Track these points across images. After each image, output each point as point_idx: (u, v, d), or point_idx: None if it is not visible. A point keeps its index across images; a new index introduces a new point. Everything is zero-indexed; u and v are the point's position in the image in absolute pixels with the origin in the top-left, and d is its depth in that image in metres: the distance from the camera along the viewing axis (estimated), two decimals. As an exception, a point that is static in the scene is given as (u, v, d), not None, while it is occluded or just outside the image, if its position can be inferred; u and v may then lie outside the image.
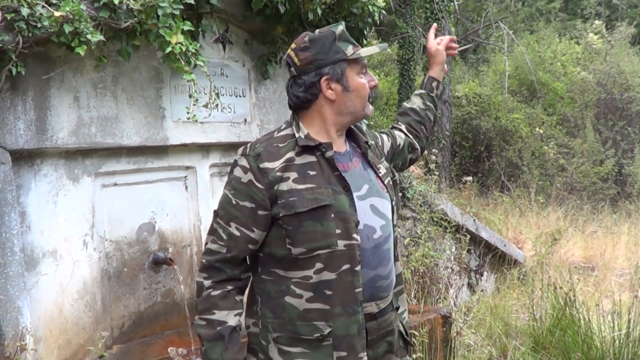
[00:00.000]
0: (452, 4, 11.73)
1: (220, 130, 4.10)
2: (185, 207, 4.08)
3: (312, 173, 2.15)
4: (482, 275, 7.05)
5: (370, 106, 2.27)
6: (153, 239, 3.90)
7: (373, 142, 2.42)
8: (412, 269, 5.24)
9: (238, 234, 2.12)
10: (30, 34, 3.00)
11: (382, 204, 2.26)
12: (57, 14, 2.99)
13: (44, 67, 3.23)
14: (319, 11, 4.11)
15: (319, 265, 2.10)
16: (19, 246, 3.13)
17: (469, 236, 6.29)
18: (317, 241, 2.10)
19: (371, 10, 4.53)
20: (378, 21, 4.68)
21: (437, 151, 12.13)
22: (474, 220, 6.70)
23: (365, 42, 4.83)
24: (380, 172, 2.32)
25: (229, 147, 4.20)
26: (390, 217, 2.28)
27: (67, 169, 3.44)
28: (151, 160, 3.85)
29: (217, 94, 3.63)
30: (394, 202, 2.32)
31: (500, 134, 15.22)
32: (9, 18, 2.93)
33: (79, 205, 3.50)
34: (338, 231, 2.10)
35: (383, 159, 2.44)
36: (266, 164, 2.13)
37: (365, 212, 2.21)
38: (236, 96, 4.25)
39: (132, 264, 3.79)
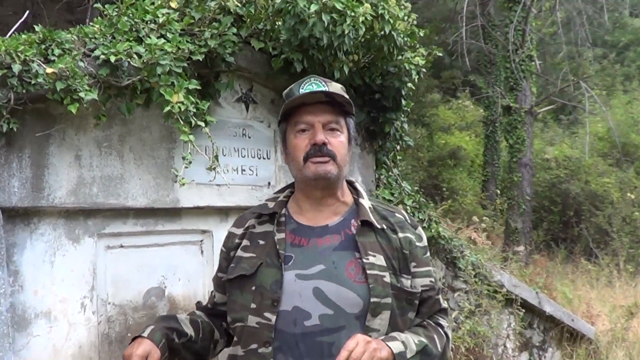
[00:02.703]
0: (533, 63, 11.33)
1: (240, 193, 3.94)
2: (201, 271, 3.91)
3: (261, 242, 2.08)
4: (545, 351, 6.53)
5: (313, 167, 2.02)
6: (162, 304, 3.74)
7: (386, 227, 2.09)
8: (454, 346, 4.86)
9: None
10: (24, 91, 2.95)
11: (336, 292, 1.96)
12: (49, 70, 2.93)
13: (42, 124, 3.17)
14: (346, 69, 3.92)
15: (235, 337, 2.06)
16: (5, 306, 3.02)
17: (524, 310, 5.85)
18: (236, 312, 2.05)
19: (407, 68, 4.32)
20: (416, 80, 4.46)
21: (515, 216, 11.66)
22: (537, 292, 6.23)
23: (404, 102, 4.60)
24: (367, 259, 1.99)
25: (250, 211, 4.02)
26: (351, 311, 1.95)
27: (67, 229, 3.34)
28: (162, 223, 3.71)
29: (216, 157, 3.46)
30: (373, 300, 1.95)
31: (590, 198, 14.57)
32: (0, 74, 2.89)
33: (78, 266, 3.38)
34: (253, 306, 1.98)
35: (406, 266, 2.07)
36: (233, 229, 2.19)
37: (302, 294, 1.97)
38: (259, 158, 4.09)
39: (137, 329, 3.62)
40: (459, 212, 13.20)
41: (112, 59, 3.08)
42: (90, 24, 3.41)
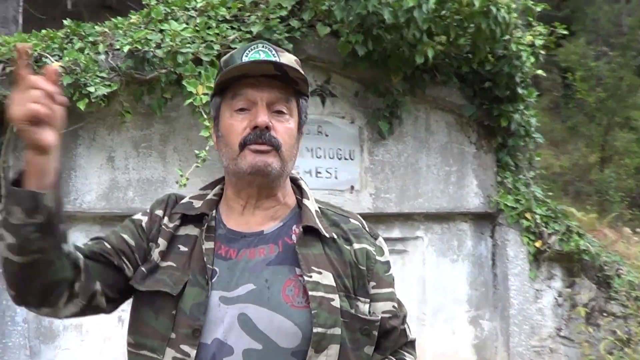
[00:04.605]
0: None
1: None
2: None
3: (182, 249, 1.53)
4: None
5: (251, 157, 1.48)
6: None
7: (337, 237, 1.59)
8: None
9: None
10: (36, 88, 2.75)
11: (267, 320, 1.42)
12: (55, 64, 2.71)
13: (68, 124, 2.96)
14: (430, 53, 3.33)
15: None
16: (22, 316, 2.86)
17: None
18: (146, 337, 1.47)
19: (515, 49, 3.61)
20: (529, 63, 3.72)
21: None
22: None
23: (522, 90, 3.87)
24: (309, 277, 1.48)
25: (327, 217, 3.57)
26: (286, 345, 1.45)
27: (103, 236, 3.11)
28: (219, 229, 3.38)
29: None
30: (317, 330, 1.44)
31: None
32: (8, 70, 2.72)
33: (116, 277, 3.14)
34: (173, 335, 1.44)
35: (363, 286, 1.56)
36: (159, 212, 1.58)
37: (225, 321, 1.42)
38: (339, 159, 3.61)
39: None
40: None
41: (126, 49, 2.80)
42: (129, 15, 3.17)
